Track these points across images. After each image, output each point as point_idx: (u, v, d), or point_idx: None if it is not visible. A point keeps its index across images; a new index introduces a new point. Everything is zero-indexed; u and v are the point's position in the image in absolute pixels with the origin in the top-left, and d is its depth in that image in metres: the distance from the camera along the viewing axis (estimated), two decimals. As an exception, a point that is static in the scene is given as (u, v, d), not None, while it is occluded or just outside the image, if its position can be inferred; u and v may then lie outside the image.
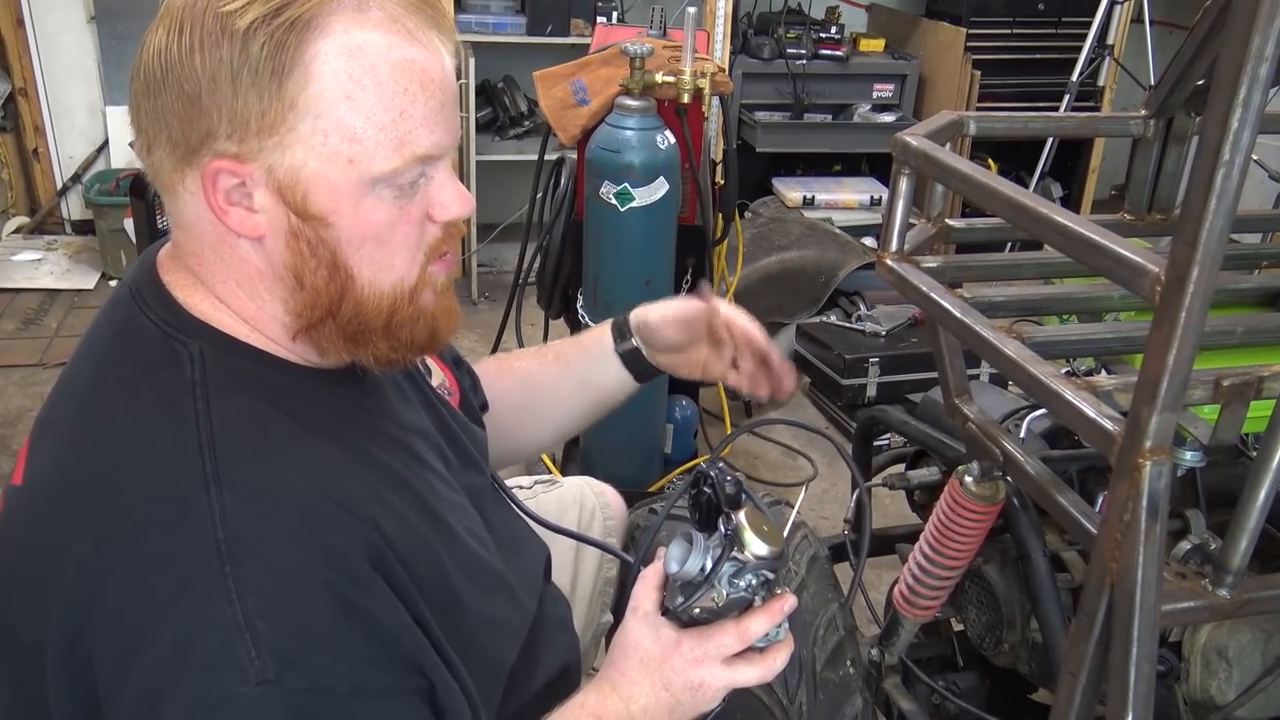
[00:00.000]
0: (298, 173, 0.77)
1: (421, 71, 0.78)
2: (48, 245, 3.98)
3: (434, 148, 0.80)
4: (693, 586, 0.91)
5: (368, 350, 0.84)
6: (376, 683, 0.76)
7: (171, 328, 0.82)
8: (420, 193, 0.82)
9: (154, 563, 0.72)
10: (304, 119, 0.75)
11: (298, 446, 0.79)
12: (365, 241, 0.80)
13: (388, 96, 0.76)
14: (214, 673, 0.70)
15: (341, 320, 0.82)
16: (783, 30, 3.86)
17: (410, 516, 0.84)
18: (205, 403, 0.77)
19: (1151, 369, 0.79)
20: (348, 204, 0.78)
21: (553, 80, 2.43)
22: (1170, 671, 1.23)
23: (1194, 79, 1.22)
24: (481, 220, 3.88)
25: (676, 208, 2.36)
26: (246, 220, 0.79)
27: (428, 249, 0.84)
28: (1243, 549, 0.92)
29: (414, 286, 0.84)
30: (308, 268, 0.80)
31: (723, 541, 0.91)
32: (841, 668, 1.41)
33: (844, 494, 2.71)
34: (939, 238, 1.27)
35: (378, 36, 0.76)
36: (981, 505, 1.25)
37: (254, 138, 0.76)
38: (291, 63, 0.74)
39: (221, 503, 0.73)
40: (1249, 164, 0.71)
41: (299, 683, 0.71)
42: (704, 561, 0.91)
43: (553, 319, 2.82)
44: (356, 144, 0.76)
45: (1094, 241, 0.85)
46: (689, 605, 0.91)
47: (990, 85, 3.96)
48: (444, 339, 0.90)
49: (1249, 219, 1.47)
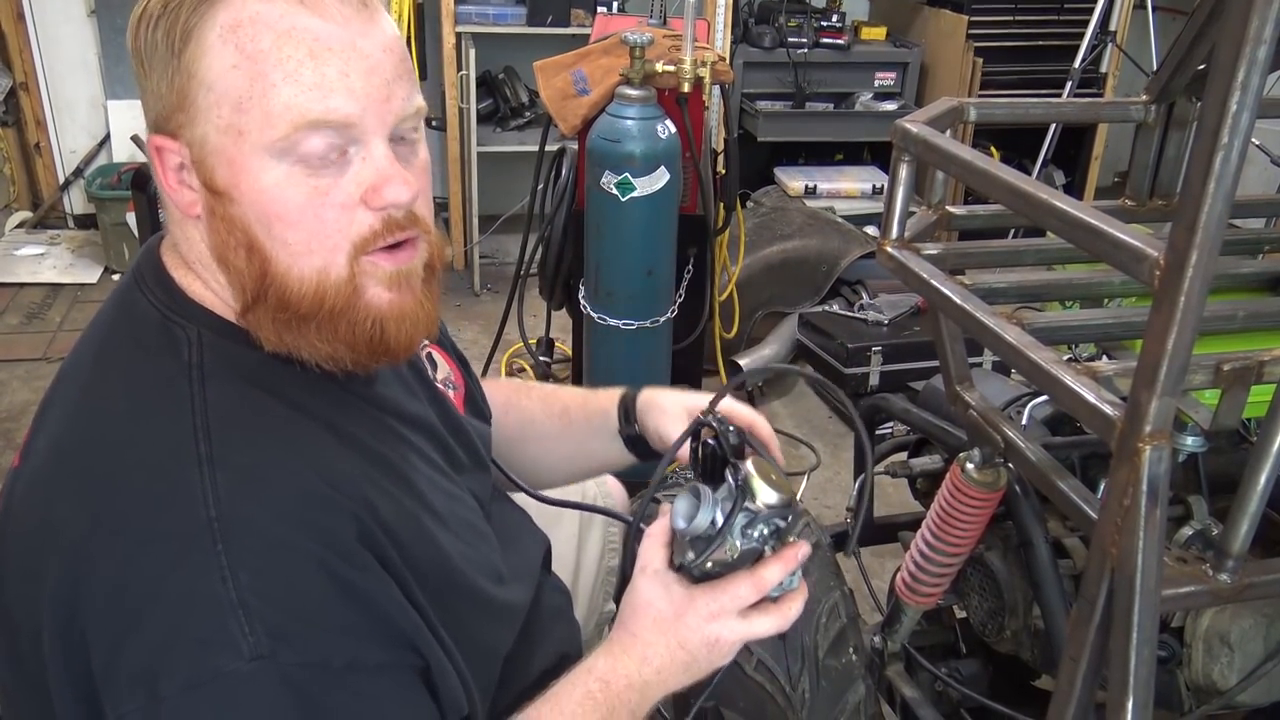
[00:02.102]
0: (204, 146, 0.78)
1: (315, 39, 0.76)
2: (50, 239, 3.99)
3: (327, 114, 0.76)
4: (704, 541, 0.89)
5: (303, 341, 0.81)
6: (371, 658, 0.76)
7: (171, 311, 0.83)
8: (346, 174, 0.78)
9: (146, 541, 0.72)
10: (200, 90, 0.77)
11: (292, 431, 0.80)
12: (273, 220, 0.78)
13: (271, 63, 0.75)
14: (207, 649, 0.70)
15: (270, 305, 0.80)
16: (784, 18, 3.85)
17: (405, 503, 0.84)
18: (201, 385, 0.78)
19: (1151, 354, 0.79)
20: (245, 178, 0.77)
21: (553, 70, 2.43)
22: (1172, 657, 1.23)
23: (1194, 64, 1.21)
24: (483, 211, 3.88)
25: (678, 197, 2.36)
26: (186, 198, 0.81)
27: (357, 239, 0.80)
28: (1243, 534, 0.92)
29: (347, 277, 0.80)
30: (228, 247, 0.80)
31: (733, 493, 0.89)
32: (844, 655, 1.42)
33: (846, 482, 2.71)
34: (940, 225, 1.26)
35: (273, 7, 0.76)
36: (983, 492, 1.25)
37: (176, 113, 0.78)
38: (192, 34, 0.76)
39: (214, 482, 0.73)
40: (1248, 147, 0.71)
41: (292, 658, 0.72)
42: (714, 515, 0.89)
43: (555, 309, 2.82)
44: (243, 114, 0.76)
45: (1093, 226, 0.85)
46: (702, 560, 0.89)
47: (992, 72, 3.95)
48: (399, 341, 0.83)
49: (1251, 204, 1.46)
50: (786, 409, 3.13)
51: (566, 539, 1.38)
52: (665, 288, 2.47)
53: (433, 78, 3.83)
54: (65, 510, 0.76)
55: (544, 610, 1.08)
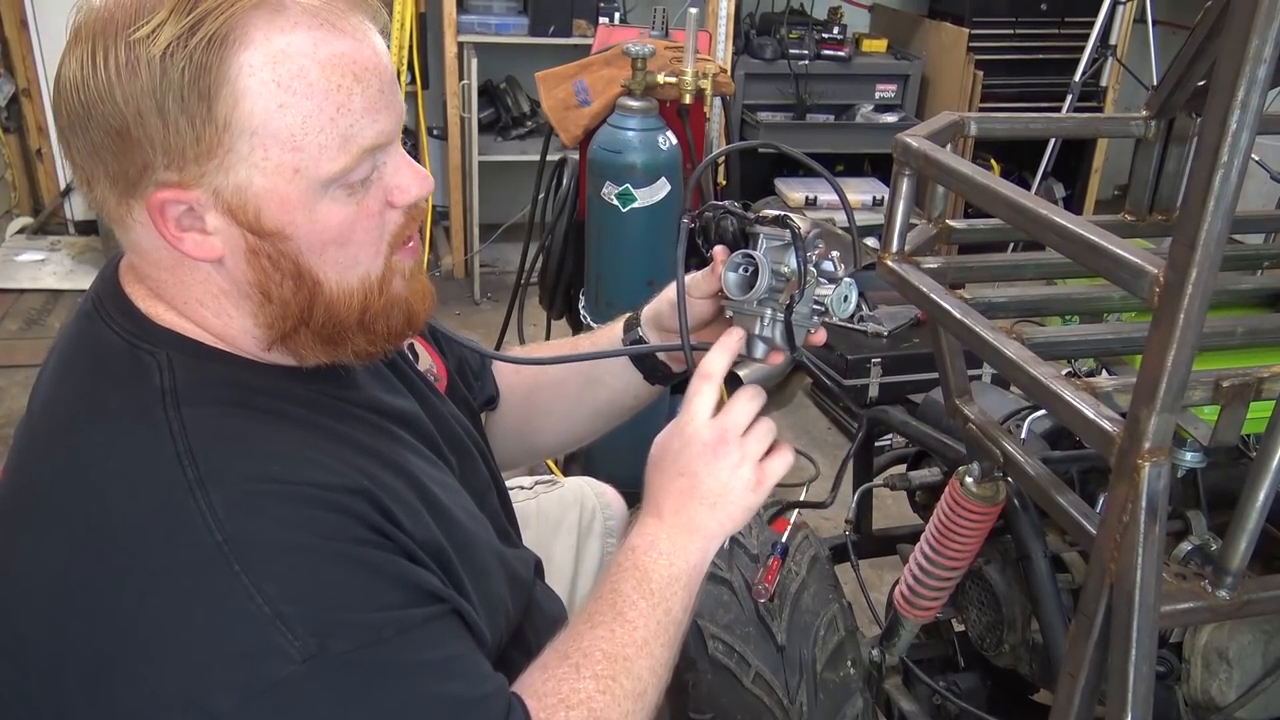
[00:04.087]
0: (245, 191, 0.75)
1: (353, 62, 0.75)
2: (51, 245, 3.99)
3: (380, 136, 0.78)
4: (778, 286, 0.96)
5: (345, 348, 0.84)
6: (415, 617, 0.77)
7: (137, 338, 0.80)
8: (376, 184, 0.80)
9: (159, 574, 0.71)
10: (240, 138, 0.73)
11: (276, 440, 0.79)
12: (326, 246, 0.79)
13: (321, 96, 0.74)
14: (256, 661, 0.70)
15: (315, 326, 0.81)
16: (785, 30, 3.86)
17: (402, 491, 0.84)
18: (177, 409, 0.76)
19: (1151, 370, 0.79)
20: (302, 214, 0.76)
21: (555, 81, 2.43)
22: (1170, 672, 1.23)
23: (1195, 80, 1.21)
24: (484, 221, 3.89)
25: (679, 208, 2.36)
26: (202, 244, 0.77)
27: (391, 238, 0.83)
28: (1243, 550, 0.92)
29: (381, 278, 0.83)
30: (272, 281, 0.79)
31: (793, 235, 0.95)
32: (842, 668, 1.41)
33: (845, 494, 2.70)
34: (940, 238, 1.26)
35: (300, 37, 0.73)
36: (982, 506, 1.25)
37: (193, 164, 0.73)
38: (217, 83, 0.71)
39: (211, 505, 0.72)
40: (1248, 165, 0.71)
41: (344, 645, 0.72)
42: (785, 261, 0.96)
43: (555, 319, 2.82)
44: (299, 152, 0.74)
45: (1093, 243, 0.85)
46: (796, 305, 0.96)
47: (993, 85, 3.96)
48: (421, 321, 0.89)
49: (1250, 220, 1.46)
50: (785, 420, 3.13)
51: (565, 549, 1.38)
52: (665, 298, 2.47)
53: (435, 87, 3.84)
54: (61, 550, 0.73)
55: (542, 617, 1.08)
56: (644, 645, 0.88)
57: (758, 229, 0.99)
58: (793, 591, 1.46)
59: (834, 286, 0.99)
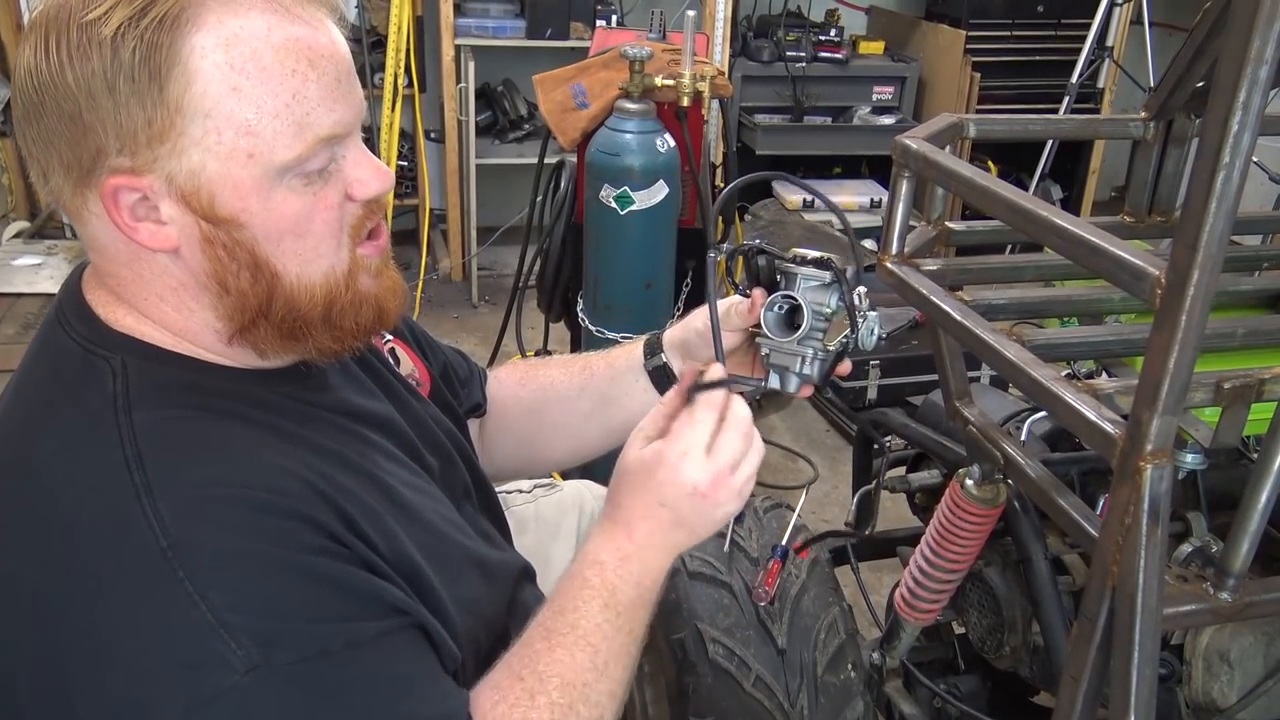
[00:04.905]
0: (198, 177, 0.74)
1: (308, 48, 0.75)
2: (48, 250, 3.98)
3: (337, 127, 0.77)
4: (819, 328, 0.99)
5: (307, 344, 0.82)
6: (367, 631, 0.76)
7: (93, 344, 0.80)
8: (335, 176, 0.79)
9: (107, 581, 0.71)
10: (193, 120, 0.72)
11: (231, 444, 0.77)
12: (283, 235, 0.78)
13: (276, 81, 0.73)
14: (198, 671, 0.69)
15: (274, 319, 0.80)
16: (782, 33, 3.86)
17: (364, 496, 0.83)
18: (127, 414, 0.75)
19: (1152, 372, 0.79)
20: (256, 200, 0.75)
21: (552, 83, 2.43)
22: (1172, 675, 1.23)
23: (1194, 81, 1.21)
24: (482, 223, 3.89)
25: (676, 211, 2.36)
26: (157, 234, 0.76)
27: (351, 230, 0.82)
28: (1244, 552, 0.92)
29: (347, 272, 0.82)
30: (229, 272, 0.78)
31: (836, 275, 0.99)
32: (843, 671, 1.41)
33: (845, 496, 2.70)
34: (939, 240, 1.26)
35: (255, 20, 0.73)
36: (982, 508, 1.25)
37: (145, 148, 0.73)
38: (169, 64, 0.71)
39: (158, 511, 0.71)
40: (1249, 166, 0.71)
41: (287, 657, 0.71)
42: (826, 301, 1.00)
43: (553, 322, 2.82)
44: (253, 136, 0.73)
45: (1094, 244, 0.84)
46: (829, 339, 1.00)
47: (990, 87, 3.96)
48: (393, 317, 0.87)
49: (1249, 221, 1.46)
50: (784, 423, 3.13)
51: (564, 553, 1.37)
52: (664, 301, 2.47)
53: (432, 90, 3.84)
54: (14, 560, 0.73)
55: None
56: (604, 669, 0.86)
57: (794, 268, 1.01)
58: (793, 595, 1.46)
59: (863, 321, 1.02)
